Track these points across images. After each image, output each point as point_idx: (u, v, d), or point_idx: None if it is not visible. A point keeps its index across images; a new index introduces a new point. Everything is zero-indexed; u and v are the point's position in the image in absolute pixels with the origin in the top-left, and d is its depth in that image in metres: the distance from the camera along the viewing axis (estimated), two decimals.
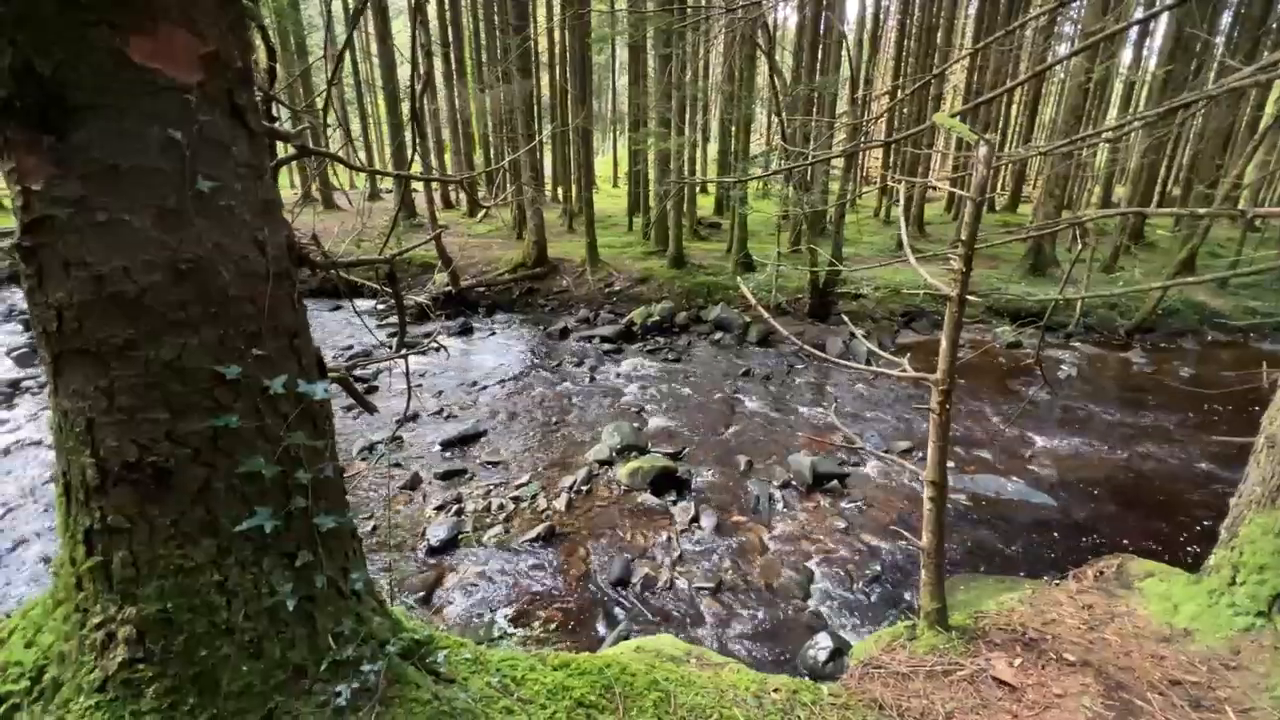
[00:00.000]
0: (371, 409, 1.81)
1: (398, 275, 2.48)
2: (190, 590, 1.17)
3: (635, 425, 8.04)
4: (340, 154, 2.52)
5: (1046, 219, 13.00)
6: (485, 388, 9.53)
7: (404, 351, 2.40)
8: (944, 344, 2.78)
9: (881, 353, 3.32)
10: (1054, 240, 13.95)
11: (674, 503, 6.34)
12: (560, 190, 21.59)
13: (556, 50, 21.34)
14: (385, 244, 4.04)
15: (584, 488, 6.62)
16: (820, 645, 4.15)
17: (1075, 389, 9.66)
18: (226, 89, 1.19)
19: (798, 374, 10.28)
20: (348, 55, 22.99)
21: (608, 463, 7.12)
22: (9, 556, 5.45)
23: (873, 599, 5.01)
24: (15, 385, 8.80)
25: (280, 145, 1.87)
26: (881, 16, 19.98)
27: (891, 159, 18.06)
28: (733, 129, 17.61)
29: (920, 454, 7.36)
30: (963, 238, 2.67)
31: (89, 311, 1.08)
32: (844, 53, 12.87)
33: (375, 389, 9.07)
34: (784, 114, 10.59)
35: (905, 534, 3.45)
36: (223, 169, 1.19)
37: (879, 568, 5.33)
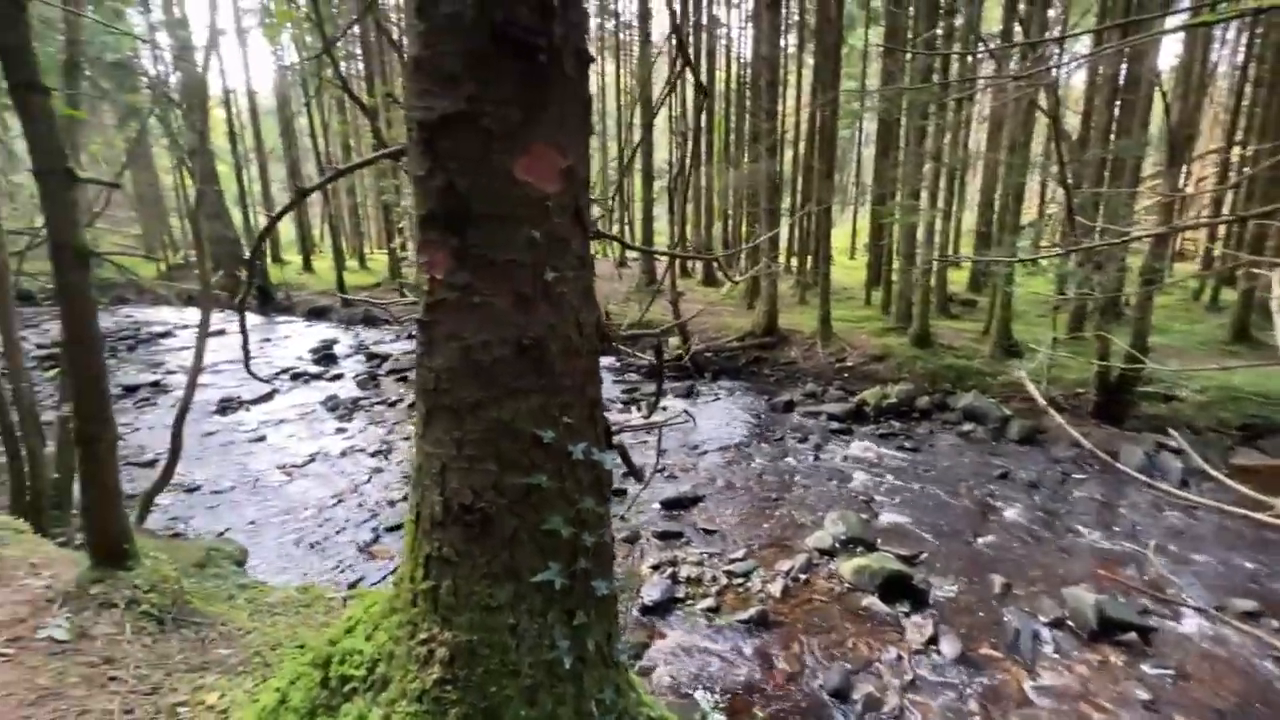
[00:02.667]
0: (639, 477, 1.91)
1: (638, 337, 2.63)
2: (491, 627, 1.31)
3: (863, 516, 7.35)
4: (615, 235, 2.81)
5: None
6: (706, 453, 9.65)
7: (661, 422, 2.53)
8: None
9: (1219, 475, 2.52)
10: None
11: (906, 615, 5.56)
12: (795, 261, 21.59)
13: (802, 128, 21.88)
14: (644, 310, 4.39)
15: (802, 576, 6.18)
16: None
17: None
18: (574, 195, 1.41)
19: (1075, 485, 8.47)
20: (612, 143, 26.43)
21: (829, 553, 6.58)
22: (335, 539, 6.94)
23: None
24: (355, 403, 11.44)
25: None
26: (1210, 63, 16.59)
27: (1224, 230, 14.45)
28: (996, 199, 15.93)
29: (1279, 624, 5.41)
30: None
31: (456, 375, 1.33)
32: (1161, 108, 10.85)
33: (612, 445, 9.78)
34: (1070, 183, 9.25)
35: None
36: (563, 261, 1.39)
37: None
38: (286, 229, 31.74)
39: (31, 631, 2.28)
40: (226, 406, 11.06)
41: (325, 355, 14.48)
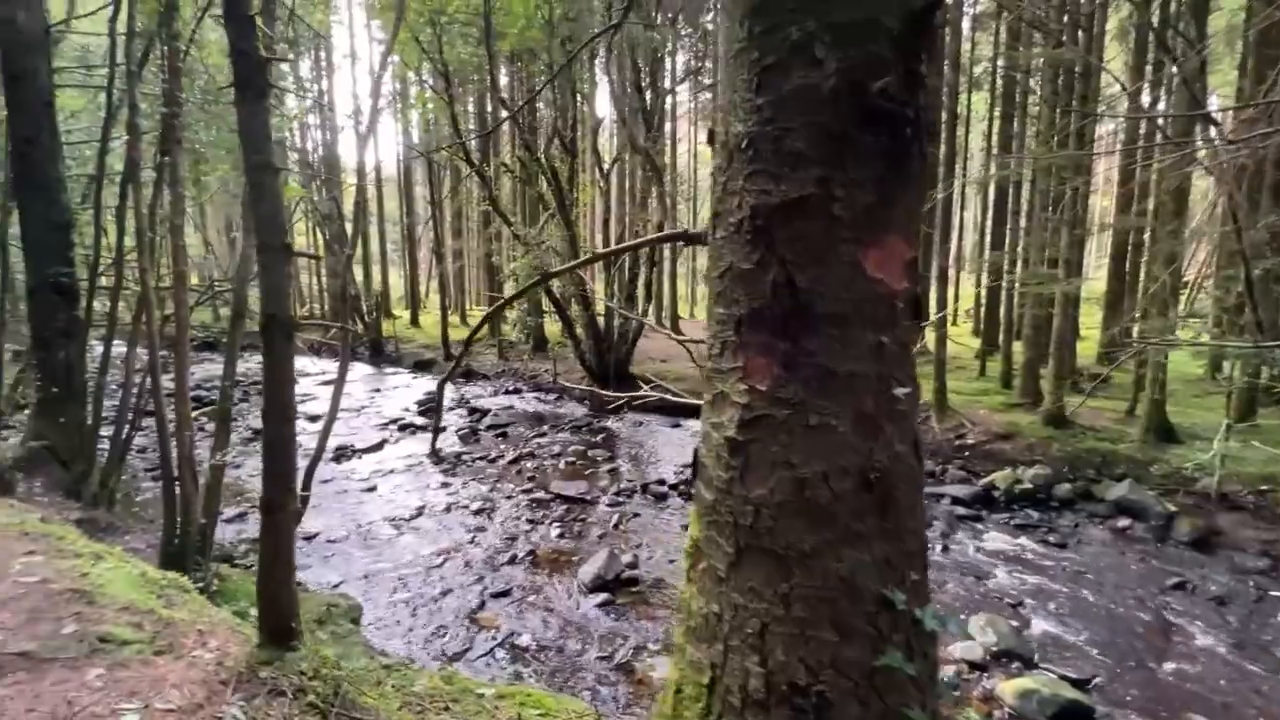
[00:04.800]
0: None
1: None
2: None
3: (1013, 624, 6.42)
4: None
5: None
6: None
7: None
8: None
9: None
10: None
11: None
12: None
13: None
14: None
15: (954, 693, 5.38)
16: None
17: None
18: (913, 294, 1.16)
19: (1275, 603, 7.10)
20: None
21: (981, 667, 5.73)
22: (442, 601, 6.81)
23: None
24: (458, 457, 11.61)
25: None
26: None
27: None
28: (1142, 264, 14.64)
29: None
30: None
31: (784, 513, 1.08)
32: None
33: None
34: (1247, 252, 8.27)
35: None
36: (904, 372, 1.13)
37: None
38: (396, 284, 34.19)
39: None
40: (341, 454, 11.54)
41: (430, 408, 14.99)
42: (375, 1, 19.31)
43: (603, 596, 6.79)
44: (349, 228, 20.98)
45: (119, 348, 8.37)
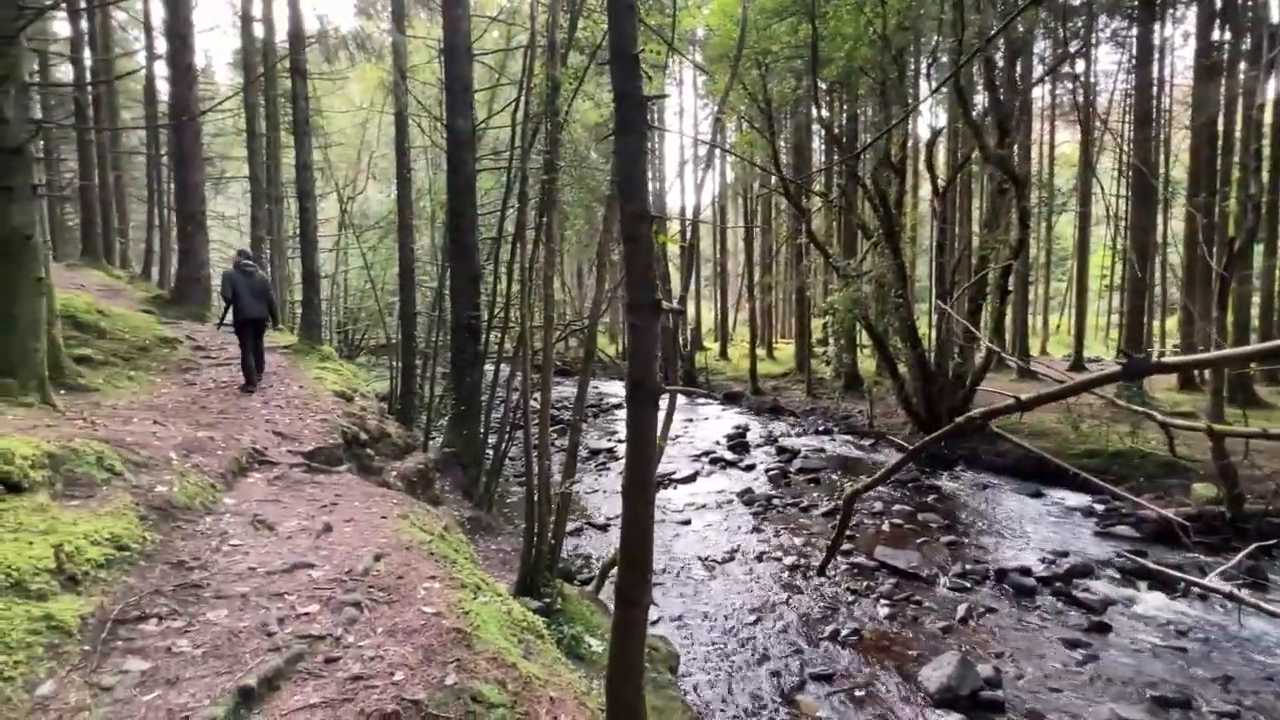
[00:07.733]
0: None
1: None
2: None
3: None
4: None
5: None
6: None
7: None
8: None
9: None
10: None
11: None
12: None
13: None
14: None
15: None
16: None
17: None
18: None
19: None
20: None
21: None
22: (756, 669, 6.22)
23: None
24: (769, 501, 11.11)
25: None
26: None
27: None
28: None
29: None
30: None
31: None
32: None
33: (1107, 627, 6.87)
34: None
35: None
36: None
37: None
38: (706, 318, 36.30)
39: None
40: (659, 482, 12.14)
41: (739, 443, 14.98)
42: (705, 57, 20.81)
43: (955, 718, 5.36)
44: (672, 270, 22.91)
45: (501, 372, 10.13)
